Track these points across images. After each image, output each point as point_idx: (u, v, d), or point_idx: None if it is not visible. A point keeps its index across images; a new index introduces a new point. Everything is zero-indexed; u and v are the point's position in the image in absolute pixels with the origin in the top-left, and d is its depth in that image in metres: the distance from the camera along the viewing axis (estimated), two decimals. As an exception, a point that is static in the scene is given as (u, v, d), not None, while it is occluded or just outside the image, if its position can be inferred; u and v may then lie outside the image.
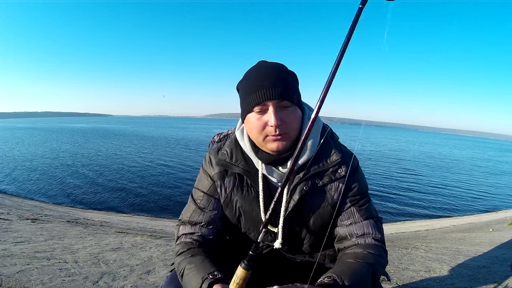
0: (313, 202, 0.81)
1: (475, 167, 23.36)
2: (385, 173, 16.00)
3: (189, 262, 0.75)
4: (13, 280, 1.75)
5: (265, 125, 0.74)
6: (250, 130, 0.78)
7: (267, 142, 0.76)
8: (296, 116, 0.76)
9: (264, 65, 0.78)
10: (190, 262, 0.75)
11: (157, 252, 2.73)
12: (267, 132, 0.74)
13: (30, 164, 14.57)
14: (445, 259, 2.61)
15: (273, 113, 0.72)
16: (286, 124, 0.73)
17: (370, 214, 0.82)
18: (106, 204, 8.79)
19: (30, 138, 29.66)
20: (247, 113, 0.77)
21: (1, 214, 4.38)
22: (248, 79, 0.77)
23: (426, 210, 9.86)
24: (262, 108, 0.73)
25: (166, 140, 32.19)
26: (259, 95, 0.72)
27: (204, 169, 0.89)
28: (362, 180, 0.85)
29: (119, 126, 70.89)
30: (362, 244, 0.79)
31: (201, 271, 0.71)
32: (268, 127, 0.73)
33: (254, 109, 0.74)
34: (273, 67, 0.76)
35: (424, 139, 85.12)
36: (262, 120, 0.74)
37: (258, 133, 0.75)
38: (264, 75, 0.74)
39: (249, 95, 0.75)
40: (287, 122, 0.74)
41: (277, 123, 0.71)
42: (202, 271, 0.71)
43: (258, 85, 0.73)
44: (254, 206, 0.82)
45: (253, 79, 0.76)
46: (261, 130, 0.74)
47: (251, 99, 0.74)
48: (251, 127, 0.77)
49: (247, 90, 0.76)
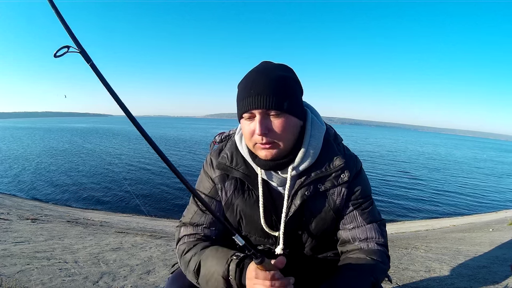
0: (315, 207, 0.80)
1: (475, 167, 23.36)
2: (385, 173, 16.00)
3: (203, 255, 0.75)
4: (13, 280, 1.75)
5: (253, 132, 0.72)
6: (244, 136, 0.78)
7: (256, 149, 0.75)
8: (286, 124, 0.72)
9: (259, 69, 0.75)
10: (204, 254, 0.75)
11: (157, 252, 2.73)
12: (255, 140, 0.73)
13: (30, 164, 14.58)
14: (445, 259, 2.61)
15: (258, 122, 0.70)
16: (273, 133, 0.71)
17: (373, 217, 0.81)
18: (106, 204, 8.79)
19: (30, 138, 29.65)
20: (240, 118, 0.77)
21: (1, 214, 4.38)
22: (241, 85, 0.76)
23: (426, 210, 9.87)
24: (250, 116, 0.72)
25: (166, 140, 32.16)
26: (245, 103, 0.71)
27: (205, 170, 0.88)
28: (365, 183, 0.83)
29: (119, 126, 70.85)
30: (364, 250, 0.78)
31: (221, 257, 0.70)
32: (255, 135, 0.72)
33: (244, 116, 0.74)
34: (265, 74, 0.73)
35: (424, 139, 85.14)
36: (250, 127, 0.73)
37: (248, 140, 0.75)
38: (252, 82, 0.72)
39: (239, 102, 0.74)
40: (274, 131, 0.71)
41: (261, 132, 0.70)
42: (223, 256, 0.70)
43: (246, 93, 0.72)
44: (255, 210, 0.81)
45: (243, 85, 0.75)
46: (250, 137, 0.73)
47: (240, 107, 0.74)
48: (243, 133, 0.76)
49: (238, 97, 0.75)
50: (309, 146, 0.77)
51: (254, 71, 0.75)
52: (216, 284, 0.70)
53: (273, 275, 0.61)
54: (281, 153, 0.74)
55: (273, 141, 0.72)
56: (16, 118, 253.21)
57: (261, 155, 0.75)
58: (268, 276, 0.61)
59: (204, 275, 0.73)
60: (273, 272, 0.62)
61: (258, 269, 0.62)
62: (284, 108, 0.71)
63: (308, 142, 0.77)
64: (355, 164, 0.82)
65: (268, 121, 0.71)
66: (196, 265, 0.74)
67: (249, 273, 0.65)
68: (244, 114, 0.73)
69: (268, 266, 0.62)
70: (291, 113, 0.73)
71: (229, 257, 0.69)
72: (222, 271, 0.68)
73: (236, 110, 0.78)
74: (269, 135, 0.71)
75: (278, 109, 0.70)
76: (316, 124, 0.80)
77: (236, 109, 0.78)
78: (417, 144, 52.47)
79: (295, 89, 0.75)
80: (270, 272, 0.61)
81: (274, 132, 0.71)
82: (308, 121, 0.80)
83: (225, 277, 0.68)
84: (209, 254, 0.74)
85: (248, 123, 0.73)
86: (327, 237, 0.85)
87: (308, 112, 0.82)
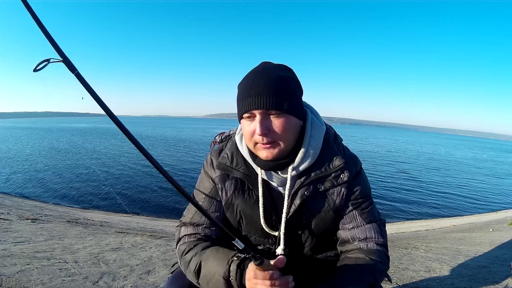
0: (315, 206, 0.80)
1: (475, 168, 23.35)
2: (385, 174, 15.99)
3: (204, 256, 0.75)
4: (13, 280, 1.75)
5: (253, 133, 0.73)
6: (244, 136, 0.78)
7: (257, 149, 0.76)
8: (286, 124, 0.72)
9: (259, 70, 0.76)
10: (205, 255, 0.75)
11: (157, 252, 2.73)
12: (255, 139, 0.74)
13: (30, 164, 14.57)
14: (445, 259, 2.61)
15: (258, 122, 0.71)
16: (273, 133, 0.72)
17: (373, 217, 0.81)
18: (106, 204, 8.78)
19: (30, 138, 29.65)
20: (240, 118, 0.77)
21: (1, 214, 4.37)
22: (241, 85, 0.77)
23: (426, 210, 9.86)
24: (250, 116, 0.73)
25: (166, 140, 32.17)
26: (246, 103, 0.72)
27: (205, 170, 0.88)
28: (365, 183, 0.84)
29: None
30: (364, 249, 0.78)
31: (222, 258, 0.71)
32: (256, 135, 0.73)
33: (244, 116, 0.74)
34: (265, 74, 0.73)
35: (424, 139, 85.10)
36: (251, 128, 0.73)
37: (249, 140, 0.75)
38: (252, 82, 0.73)
39: (239, 102, 0.75)
40: (275, 131, 0.72)
41: (261, 132, 0.70)
42: (224, 257, 0.71)
43: (246, 94, 0.73)
44: (255, 210, 0.82)
45: (243, 86, 0.75)
46: (251, 137, 0.74)
47: (240, 107, 0.75)
48: (244, 133, 0.77)
49: (238, 97, 0.76)
50: (309, 146, 0.77)
51: (254, 71, 0.76)
52: (217, 284, 0.70)
53: (271, 275, 0.62)
54: (281, 153, 0.75)
55: (274, 141, 0.72)
56: (16, 118, 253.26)
57: (262, 155, 0.75)
58: (267, 276, 0.62)
59: (204, 276, 0.73)
60: (272, 272, 0.62)
61: (257, 270, 0.62)
62: (284, 108, 0.71)
63: (308, 142, 0.78)
64: (355, 164, 0.82)
65: (268, 121, 0.72)
66: (197, 265, 0.75)
67: (248, 274, 0.65)
68: (244, 114, 0.74)
69: (267, 267, 0.62)
70: (291, 113, 0.73)
71: (230, 258, 0.69)
72: (223, 271, 0.68)
73: (237, 110, 0.78)
74: (269, 135, 0.72)
75: (278, 109, 0.71)
76: (316, 124, 0.81)
77: (237, 109, 0.78)
78: (417, 144, 52.46)
79: (295, 89, 0.75)
80: (269, 272, 0.62)
81: (274, 132, 0.72)
82: (308, 121, 0.80)
83: (226, 277, 0.68)
84: (209, 255, 0.74)
85: (249, 123, 0.74)
86: (327, 237, 0.85)
87: (308, 112, 0.82)
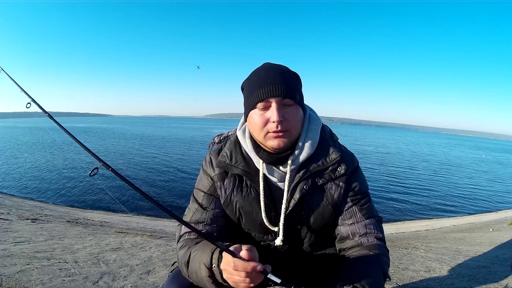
0: (314, 201, 0.81)
1: (475, 168, 23.36)
2: (385, 173, 16.00)
3: (193, 248, 0.75)
4: (13, 280, 1.75)
5: (267, 122, 0.75)
6: (253, 127, 0.79)
7: (268, 139, 0.77)
8: (297, 115, 0.77)
9: (268, 65, 0.81)
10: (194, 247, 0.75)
11: (157, 252, 2.73)
12: (268, 128, 0.75)
13: (30, 164, 14.58)
14: (445, 259, 2.61)
15: (276, 109, 0.73)
16: (287, 122, 0.75)
17: (371, 213, 0.83)
18: (106, 204, 8.78)
19: (30, 138, 29.65)
20: (250, 110, 0.78)
21: (1, 214, 4.38)
22: (253, 78, 0.80)
23: (426, 210, 9.86)
24: (265, 105, 0.75)
25: (166, 140, 32.19)
26: (262, 92, 0.75)
27: (204, 169, 0.89)
28: (363, 180, 0.86)
29: (119, 126, 70.90)
30: (365, 245, 0.79)
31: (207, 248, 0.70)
32: (270, 124, 0.75)
33: (257, 106, 0.76)
34: (277, 67, 0.79)
35: (424, 139, 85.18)
36: (265, 117, 0.75)
37: (260, 129, 0.76)
38: (268, 73, 0.77)
39: (253, 92, 0.77)
40: (289, 119, 0.75)
41: (279, 118, 0.73)
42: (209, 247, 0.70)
43: (262, 83, 0.76)
44: (255, 206, 0.83)
45: (257, 77, 0.78)
46: (263, 126, 0.76)
47: (254, 96, 0.76)
48: (254, 124, 0.78)
49: (251, 88, 0.78)
50: (307, 138, 0.81)
51: (263, 67, 0.81)
52: (201, 273, 0.68)
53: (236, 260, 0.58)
54: (290, 143, 0.78)
55: (286, 129, 0.75)
56: (16, 118, 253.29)
57: (273, 144, 0.76)
58: (233, 261, 0.58)
59: (192, 267, 0.72)
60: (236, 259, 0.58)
61: (228, 256, 0.60)
62: (297, 100, 0.77)
63: (305, 135, 0.81)
64: (352, 161, 0.85)
65: (283, 110, 0.75)
66: (187, 258, 0.75)
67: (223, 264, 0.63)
68: (259, 103, 0.75)
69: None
70: (300, 105, 0.79)
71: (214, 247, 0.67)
72: (207, 260, 0.67)
73: (245, 104, 0.80)
74: (284, 123, 0.74)
75: (293, 99, 0.75)
76: (314, 119, 0.85)
77: (246, 102, 0.80)
78: (417, 144, 52.50)
79: (300, 85, 0.81)
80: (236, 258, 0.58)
81: (288, 120, 0.75)
82: (306, 116, 0.84)
83: (208, 265, 0.67)
84: (198, 247, 0.74)
85: (262, 113, 0.76)
86: (325, 233, 0.86)
87: (307, 110, 0.87)
